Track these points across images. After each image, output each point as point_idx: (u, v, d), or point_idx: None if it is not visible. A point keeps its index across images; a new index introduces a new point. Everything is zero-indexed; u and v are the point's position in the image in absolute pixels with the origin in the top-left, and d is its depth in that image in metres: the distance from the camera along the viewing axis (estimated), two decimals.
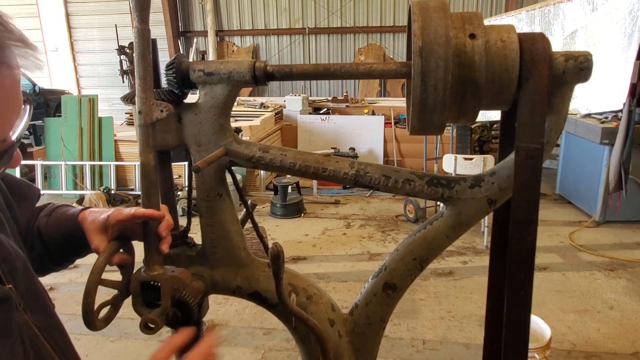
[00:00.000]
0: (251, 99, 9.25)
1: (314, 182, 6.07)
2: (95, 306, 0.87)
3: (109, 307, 0.92)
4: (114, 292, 0.93)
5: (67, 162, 6.35)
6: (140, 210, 0.90)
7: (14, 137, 0.70)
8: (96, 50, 11.51)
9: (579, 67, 0.90)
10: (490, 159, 4.35)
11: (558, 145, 5.90)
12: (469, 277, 3.98)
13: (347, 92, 8.95)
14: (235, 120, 6.99)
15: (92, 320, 0.86)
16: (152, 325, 0.88)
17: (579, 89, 3.18)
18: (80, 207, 1.01)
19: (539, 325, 2.55)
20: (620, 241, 4.65)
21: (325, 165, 1.08)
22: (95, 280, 0.85)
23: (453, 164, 4.45)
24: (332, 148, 6.95)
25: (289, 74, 1.01)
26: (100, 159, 6.53)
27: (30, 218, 1.00)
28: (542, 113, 0.89)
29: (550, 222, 5.16)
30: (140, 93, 0.89)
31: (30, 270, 0.82)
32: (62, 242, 0.98)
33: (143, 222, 0.91)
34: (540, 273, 3.98)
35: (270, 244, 0.96)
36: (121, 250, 0.93)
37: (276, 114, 7.87)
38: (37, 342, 0.77)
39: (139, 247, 0.97)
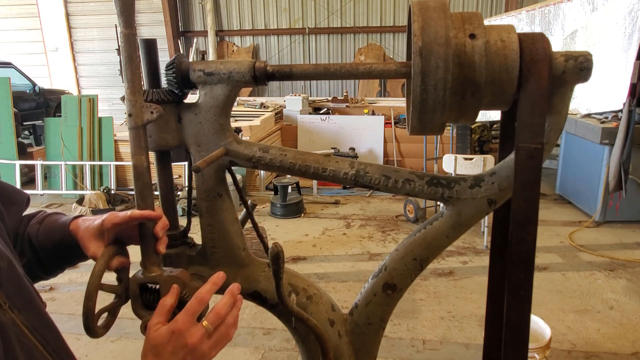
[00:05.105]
0: (251, 99, 9.25)
1: (314, 182, 6.07)
2: (95, 311, 0.87)
3: (107, 313, 0.91)
4: (112, 298, 0.93)
5: (67, 162, 6.35)
6: (136, 212, 0.90)
7: None
8: (96, 50, 11.52)
9: (579, 67, 0.90)
10: (490, 159, 4.35)
11: (558, 145, 5.90)
12: (469, 277, 3.98)
13: (347, 92, 8.95)
14: (235, 120, 6.99)
15: (92, 326, 0.86)
16: None
17: (579, 89, 3.18)
18: (72, 216, 1.00)
19: (539, 325, 2.55)
20: (620, 241, 4.65)
21: (325, 165, 1.08)
22: (96, 284, 0.85)
23: (453, 164, 4.45)
24: (332, 148, 6.95)
25: (289, 74, 1.01)
26: (100, 159, 6.53)
27: (19, 224, 0.99)
28: (542, 113, 0.89)
29: (550, 222, 5.16)
30: (129, 96, 0.89)
31: (16, 269, 0.81)
32: (54, 250, 0.97)
33: (139, 224, 0.91)
34: (540, 273, 3.98)
35: (270, 244, 0.97)
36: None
37: (276, 114, 7.87)
38: (25, 340, 0.77)
39: (132, 251, 0.97)
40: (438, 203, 1.98)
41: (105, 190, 6.05)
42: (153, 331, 0.82)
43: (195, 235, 1.14)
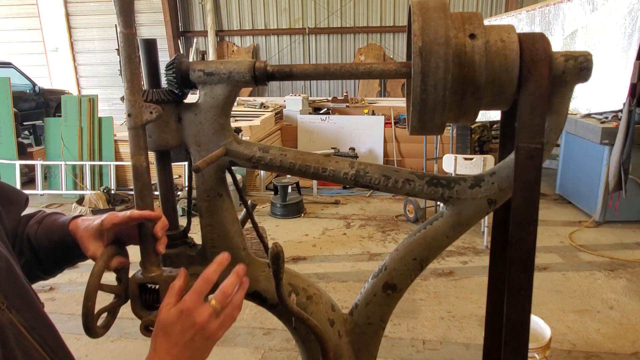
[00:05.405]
0: (251, 99, 9.25)
1: (314, 182, 6.07)
2: (95, 312, 0.87)
3: (106, 313, 0.91)
4: (111, 298, 0.93)
5: (67, 162, 6.35)
6: (135, 212, 0.90)
7: None
8: (96, 50, 11.52)
9: (579, 67, 0.90)
10: (490, 159, 4.35)
11: (558, 145, 5.90)
12: (469, 277, 3.98)
13: (347, 92, 8.95)
14: (235, 120, 6.99)
15: (92, 326, 0.86)
16: (153, 328, 0.88)
17: (579, 89, 3.18)
18: (71, 216, 1.00)
19: (539, 325, 2.55)
20: (620, 241, 4.64)
21: (325, 165, 1.08)
22: (95, 284, 0.85)
23: (453, 164, 4.45)
24: (332, 148, 6.95)
25: (289, 74, 1.01)
26: (100, 159, 6.53)
27: (18, 224, 0.99)
28: (542, 113, 0.89)
29: (550, 222, 5.16)
30: (128, 96, 0.89)
31: (14, 270, 0.81)
32: (53, 250, 0.97)
33: (138, 224, 0.91)
34: (540, 273, 3.98)
35: (270, 244, 0.97)
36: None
37: (276, 114, 7.87)
38: (23, 340, 0.77)
39: (131, 251, 0.97)
40: (438, 203, 1.98)
41: (105, 190, 6.05)
42: (164, 312, 0.82)
43: (195, 235, 1.13)
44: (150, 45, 1.01)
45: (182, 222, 1.13)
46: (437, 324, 3.33)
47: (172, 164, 1.11)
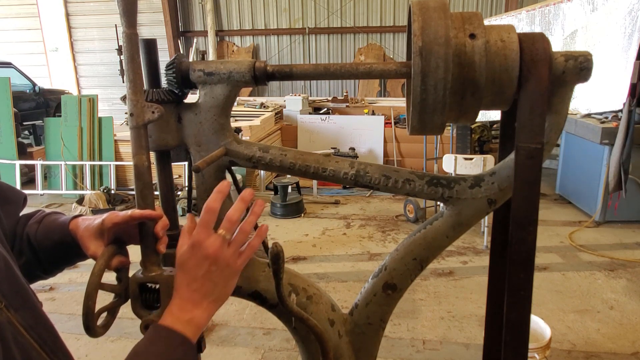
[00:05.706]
0: (251, 99, 9.25)
1: (314, 182, 6.07)
2: (95, 311, 0.87)
3: (107, 313, 0.91)
4: (111, 298, 0.93)
5: (67, 162, 6.35)
6: (137, 211, 0.90)
7: None
8: (96, 50, 11.53)
9: (579, 67, 0.90)
10: (490, 159, 4.35)
11: (558, 145, 5.90)
12: (469, 277, 3.98)
13: (347, 92, 8.95)
14: (235, 120, 6.99)
15: (92, 325, 0.86)
16: None
17: (579, 89, 3.18)
18: (71, 215, 1.00)
19: (539, 325, 2.55)
20: (620, 241, 4.65)
21: (325, 165, 1.08)
22: (95, 283, 0.85)
23: (453, 164, 4.45)
24: (332, 148, 6.95)
25: (289, 74, 1.01)
26: (100, 159, 6.53)
27: (17, 224, 0.98)
28: (542, 113, 0.89)
29: (550, 222, 5.16)
30: (130, 95, 0.89)
31: (12, 269, 0.81)
32: (53, 250, 0.97)
33: (139, 224, 0.91)
34: (540, 273, 3.98)
35: (270, 244, 0.97)
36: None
37: (276, 114, 7.87)
38: (22, 340, 0.76)
39: (132, 250, 0.97)
40: (438, 203, 1.98)
41: (105, 190, 6.05)
42: (178, 252, 0.83)
43: None
44: (151, 45, 1.01)
45: (182, 222, 1.13)
46: (437, 324, 3.33)
47: (172, 164, 1.11)
